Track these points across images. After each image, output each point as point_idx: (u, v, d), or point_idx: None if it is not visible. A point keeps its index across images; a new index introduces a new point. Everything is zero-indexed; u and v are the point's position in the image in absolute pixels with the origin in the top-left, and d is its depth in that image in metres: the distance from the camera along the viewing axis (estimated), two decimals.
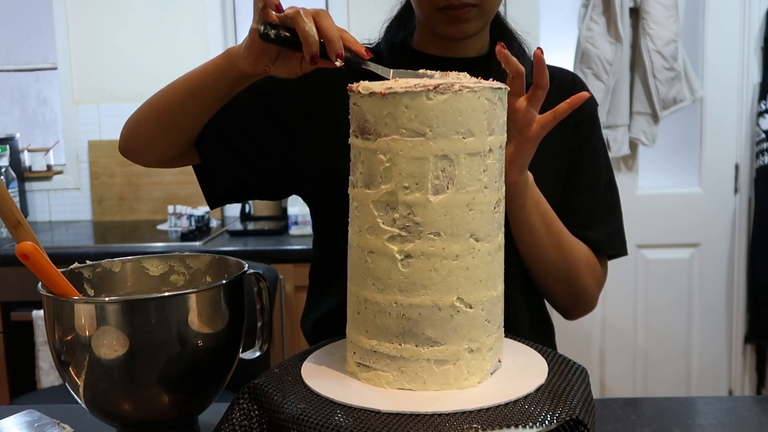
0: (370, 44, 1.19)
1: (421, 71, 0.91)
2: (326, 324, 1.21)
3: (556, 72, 1.18)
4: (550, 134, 0.99)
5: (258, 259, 2.46)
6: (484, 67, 1.13)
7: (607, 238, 1.17)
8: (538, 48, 0.92)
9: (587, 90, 1.14)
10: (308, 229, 2.74)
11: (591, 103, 1.16)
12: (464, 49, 1.14)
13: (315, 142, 1.14)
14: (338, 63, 0.92)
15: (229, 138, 1.13)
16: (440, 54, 1.14)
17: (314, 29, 0.90)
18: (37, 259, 0.84)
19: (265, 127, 1.14)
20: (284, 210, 2.98)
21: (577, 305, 1.19)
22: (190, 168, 1.19)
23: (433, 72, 0.90)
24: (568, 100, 0.96)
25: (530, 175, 1.04)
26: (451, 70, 0.90)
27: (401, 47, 1.17)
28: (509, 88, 0.88)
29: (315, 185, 1.17)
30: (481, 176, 0.78)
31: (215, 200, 1.19)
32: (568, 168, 1.17)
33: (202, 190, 1.19)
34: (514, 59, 0.92)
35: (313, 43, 0.90)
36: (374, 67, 0.94)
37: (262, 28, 0.93)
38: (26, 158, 3.26)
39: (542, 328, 1.24)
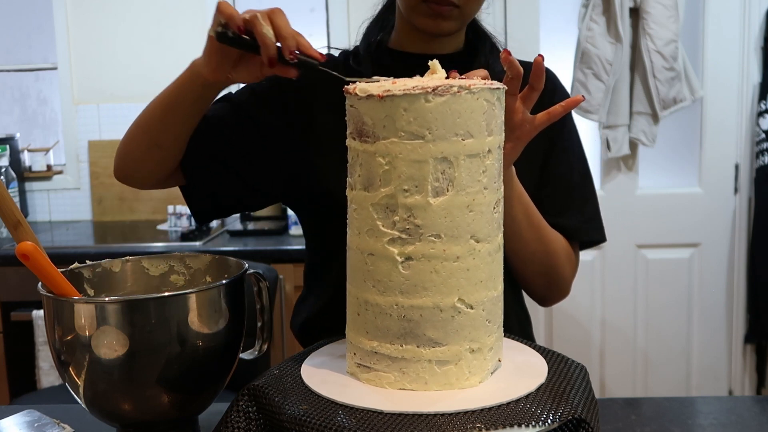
0: (346, 50, 1.25)
1: (374, 78, 0.90)
2: (313, 324, 1.24)
3: (525, 66, 1.21)
4: None
5: (258, 259, 2.46)
6: (458, 63, 1.14)
7: (581, 225, 1.21)
8: (540, 55, 0.95)
9: (558, 82, 1.23)
10: None
11: (563, 97, 1.16)
12: (441, 45, 1.18)
13: (296, 146, 1.17)
14: (290, 59, 0.93)
15: (216, 152, 1.15)
16: (417, 51, 1.18)
17: (271, 32, 0.92)
18: (37, 259, 0.84)
19: (250, 136, 1.17)
20: (284, 210, 2.97)
21: (554, 294, 1.23)
22: None
23: (387, 78, 0.88)
24: (562, 103, 1.00)
25: (512, 168, 1.06)
26: (428, 66, 0.92)
27: (377, 47, 1.21)
28: (507, 87, 0.88)
29: (297, 188, 1.20)
30: (480, 177, 0.78)
31: (203, 215, 1.20)
32: (543, 157, 1.20)
33: (189, 207, 1.20)
34: (516, 61, 0.94)
35: (270, 45, 0.92)
36: (328, 71, 0.95)
37: (220, 29, 0.94)
38: (26, 158, 3.26)
39: (523, 318, 1.29)
